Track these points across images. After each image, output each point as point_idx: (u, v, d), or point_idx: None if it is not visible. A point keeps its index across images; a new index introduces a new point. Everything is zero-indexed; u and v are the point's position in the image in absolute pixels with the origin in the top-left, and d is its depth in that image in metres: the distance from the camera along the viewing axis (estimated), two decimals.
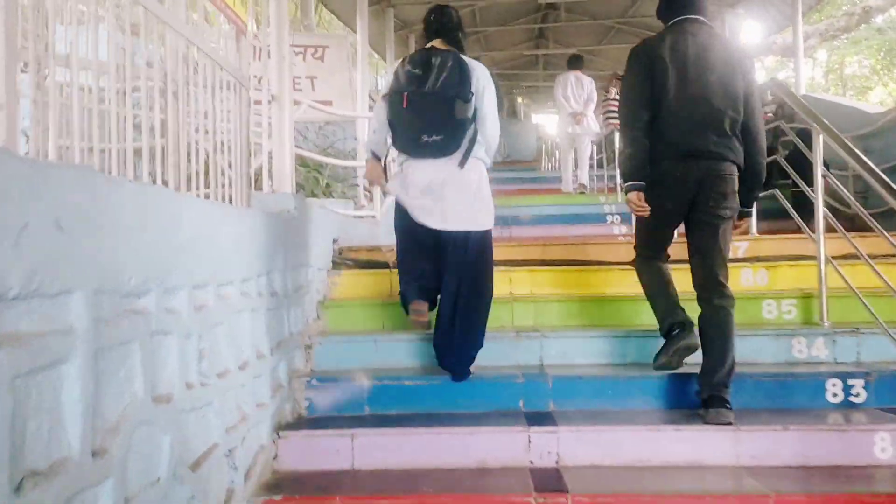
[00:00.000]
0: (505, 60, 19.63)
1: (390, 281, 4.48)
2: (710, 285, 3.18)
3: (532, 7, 15.66)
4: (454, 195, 3.43)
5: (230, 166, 3.31)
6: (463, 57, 3.49)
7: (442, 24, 3.58)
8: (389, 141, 3.64)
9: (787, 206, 4.74)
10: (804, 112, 3.98)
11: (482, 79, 3.46)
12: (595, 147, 11.15)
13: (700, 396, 3.17)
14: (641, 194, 3.26)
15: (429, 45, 3.57)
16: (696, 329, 3.27)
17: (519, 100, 26.86)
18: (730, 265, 3.28)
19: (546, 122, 28.27)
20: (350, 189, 8.36)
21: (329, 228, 4.73)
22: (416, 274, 3.60)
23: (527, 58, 19.27)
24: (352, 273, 4.55)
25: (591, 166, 11.42)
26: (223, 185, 3.16)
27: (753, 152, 3.21)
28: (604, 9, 14.70)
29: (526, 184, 12.74)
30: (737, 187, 3.18)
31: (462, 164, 3.42)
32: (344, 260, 4.74)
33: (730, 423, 3.02)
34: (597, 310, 4.16)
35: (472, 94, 3.40)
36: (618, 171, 10.03)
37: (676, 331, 3.32)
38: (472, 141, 3.46)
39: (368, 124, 7.20)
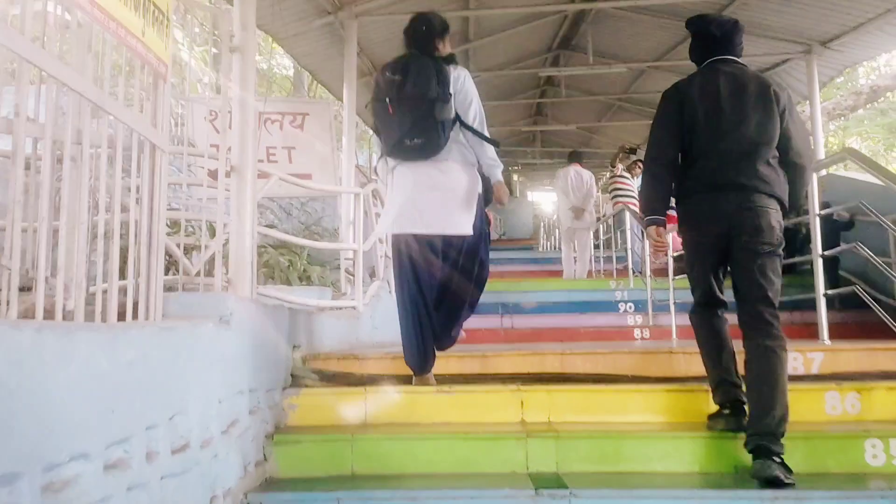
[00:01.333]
0: (502, 137, 18.94)
1: (365, 402, 3.38)
2: (755, 324, 2.94)
3: (531, 83, 15.01)
4: (439, 198, 3.42)
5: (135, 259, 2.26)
6: (441, 59, 3.48)
7: (415, 35, 3.59)
8: None
9: (867, 298, 3.72)
10: None
11: (461, 78, 3.46)
12: (602, 227, 10.21)
13: (747, 448, 2.81)
14: (661, 229, 3.22)
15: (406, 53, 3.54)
16: (743, 408, 3.00)
17: (515, 177, 26.18)
18: (807, 385, 3.12)
19: (542, 200, 27.66)
20: (333, 272, 7.32)
21: (289, 331, 3.65)
22: (416, 331, 3.52)
23: (524, 134, 18.60)
24: (315, 392, 3.45)
25: (598, 246, 10.50)
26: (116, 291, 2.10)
27: (795, 177, 3.11)
28: (604, 85, 14.02)
29: (526, 265, 11.74)
30: (776, 220, 2.99)
31: (448, 164, 3.42)
32: (307, 372, 3.64)
33: (777, 477, 2.63)
34: (641, 449, 3.04)
35: (451, 95, 3.39)
36: (628, 249, 9.11)
37: (727, 411, 3.08)
38: (457, 143, 3.45)
39: (354, 200, 6.23)
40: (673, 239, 8.35)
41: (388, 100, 3.42)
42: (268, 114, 6.46)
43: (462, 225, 3.43)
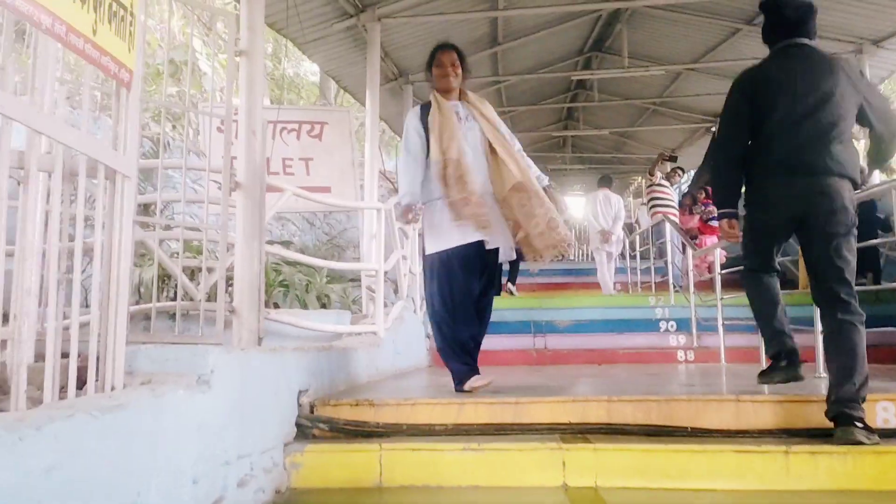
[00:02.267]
0: (532, 142, 18.35)
1: (380, 461, 2.87)
2: (831, 301, 2.95)
3: (562, 87, 14.42)
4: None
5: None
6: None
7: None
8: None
9: None
10: None
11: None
12: (638, 238, 9.61)
13: (828, 416, 2.85)
14: (734, 221, 3.23)
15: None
16: (800, 360, 3.19)
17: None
18: None
19: (573, 205, 26.96)
20: (355, 289, 6.82)
21: (293, 375, 3.15)
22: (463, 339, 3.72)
23: (554, 139, 17.98)
24: (322, 448, 2.94)
25: (634, 257, 9.91)
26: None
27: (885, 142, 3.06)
28: (639, 88, 13.40)
29: (558, 276, 11.13)
30: (849, 201, 2.94)
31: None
32: (315, 422, 3.14)
33: (859, 441, 2.68)
34: None
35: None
36: (669, 263, 8.50)
37: (783, 362, 3.20)
38: None
39: (376, 216, 5.73)
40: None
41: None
42: (283, 122, 6.00)
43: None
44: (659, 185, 8.94)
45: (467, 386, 3.57)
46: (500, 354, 6.87)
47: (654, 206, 9.04)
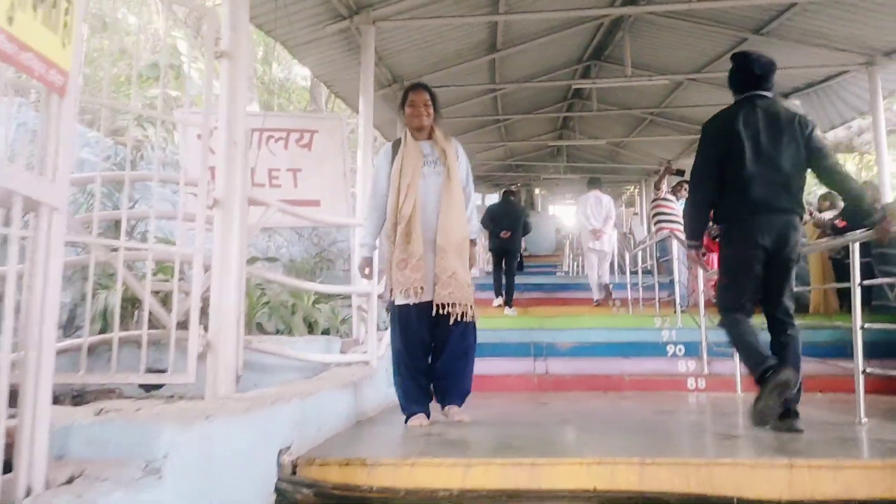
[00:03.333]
0: (526, 151, 17.94)
1: None
2: (785, 315, 3.55)
3: (559, 95, 13.99)
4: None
5: None
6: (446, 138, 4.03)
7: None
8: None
9: None
10: None
11: (463, 158, 4.06)
12: (640, 253, 9.17)
13: (760, 380, 3.42)
14: (699, 253, 3.91)
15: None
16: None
17: (537, 191, 25.10)
18: None
19: (565, 214, 26.55)
20: (345, 306, 6.32)
21: (273, 433, 2.67)
22: (421, 371, 3.86)
23: (549, 148, 17.56)
24: None
25: (635, 272, 9.48)
26: None
27: (847, 185, 3.57)
28: (637, 98, 12.98)
29: (554, 292, 10.67)
30: (801, 236, 3.59)
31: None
32: (298, 486, 2.65)
33: (800, 431, 3.34)
34: None
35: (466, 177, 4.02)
36: (676, 282, 8.06)
37: (770, 373, 3.38)
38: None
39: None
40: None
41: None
42: (270, 130, 5.52)
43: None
44: (664, 199, 8.48)
45: (409, 423, 3.78)
46: (501, 380, 6.41)
47: (659, 222, 8.59)
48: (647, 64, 11.05)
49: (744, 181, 3.45)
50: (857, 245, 3.85)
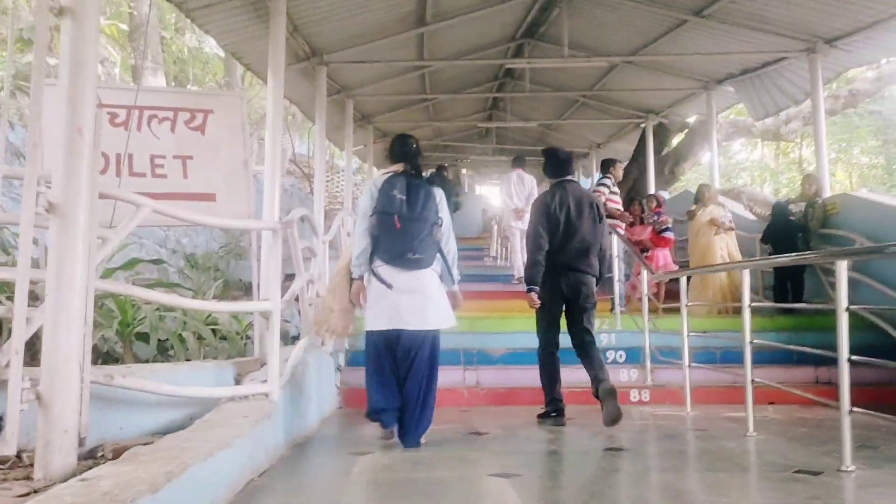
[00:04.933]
0: (454, 131, 17.15)
1: None
2: (584, 344, 4.73)
3: (490, 75, 13.23)
4: (426, 300, 3.93)
5: None
6: (431, 185, 4.12)
7: (401, 151, 4.17)
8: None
9: None
10: None
11: (442, 203, 4.12)
12: None
13: (597, 395, 4.51)
14: (535, 297, 4.71)
15: (401, 170, 4.10)
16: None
17: (464, 171, 24.34)
18: None
19: (492, 195, 25.94)
20: (246, 328, 5.27)
21: None
22: (391, 394, 3.97)
23: (477, 129, 16.81)
24: None
25: None
26: None
27: (603, 261, 4.89)
28: (569, 79, 12.37)
29: (484, 283, 9.93)
30: (594, 288, 4.80)
31: (432, 275, 4.00)
32: None
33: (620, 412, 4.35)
34: None
35: (441, 219, 4.08)
36: (615, 281, 7.41)
37: (554, 414, 4.71)
38: (441, 257, 4.10)
39: (272, 238, 4.34)
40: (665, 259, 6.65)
41: (396, 216, 3.91)
42: (154, 109, 4.53)
43: (449, 320, 4.11)
44: (613, 191, 7.76)
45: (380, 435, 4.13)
46: None
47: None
48: (583, 44, 10.39)
49: (556, 247, 4.65)
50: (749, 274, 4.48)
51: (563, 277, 4.61)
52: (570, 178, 4.82)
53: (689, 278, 6.34)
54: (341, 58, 9.10)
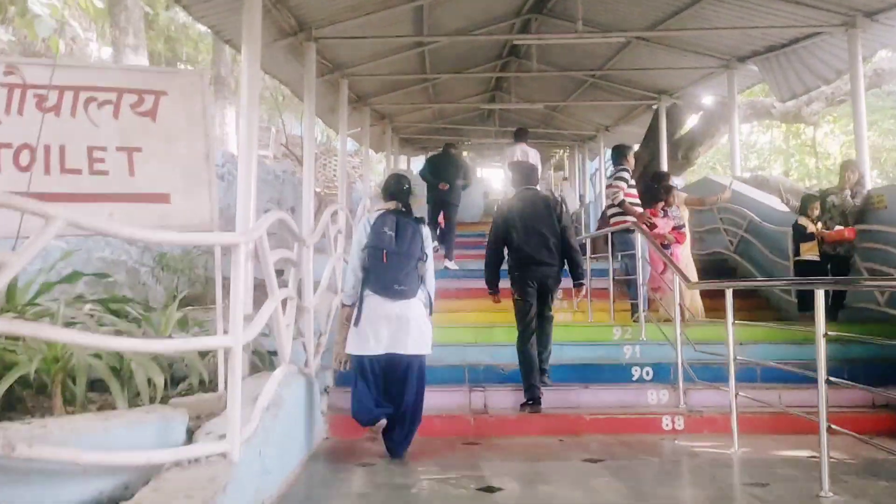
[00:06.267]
0: (455, 113, 16.17)
1: None
2: (547, 319, 5.32)
3: (493, 53, 12.26)
4: (410, 327, 4.19)
5: None
6: (418, 224, 4.46)
7: (395, 190, 4.56)
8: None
9: None
10: None
11: (427, 240, 4.46)
12: (588, 245, 7.61)
13: (543, 371, 5.22)
14: (499, 296, 5.40)
15: (393, 208, 4.47)
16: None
17: (465, 153, 23.35)
18: None
19: (494, 177, 24.94)
20: (193, 368, 4.23)
21: None
22: (378, 393, 4.22)
23: (479, 111, 15.84)
24: None
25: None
26: None
27: (571, 254, 5.30)
28: (578, 58, 11.39)
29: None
30: (559, 277, 5.32)
31: (416, 304, 4.26)
32: None
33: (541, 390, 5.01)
34: None
35: (426, 255, 4.40)
36: (639, 286, 6.53)
37: (532, 402, 4.96)
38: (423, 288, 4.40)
39: (242, 253, 3.45)
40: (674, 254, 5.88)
41: (385, 251, 4.24)
42: (91, 90, 3.62)
43: (428, 346, 4.33)
44: (631, 185, 6.79)
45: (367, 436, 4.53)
46: (424, 423, 4.81)
47: (617, 215, 6.81)
48: (595, 20, 9.44)
49: (518, 245, 5.20)
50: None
51: (530, 270, 5.15)
52: (530, 187, 5.46)
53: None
54: (333, 33, 8.15)
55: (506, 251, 5.34)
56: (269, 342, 4.53)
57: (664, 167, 11.52)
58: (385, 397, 4.20)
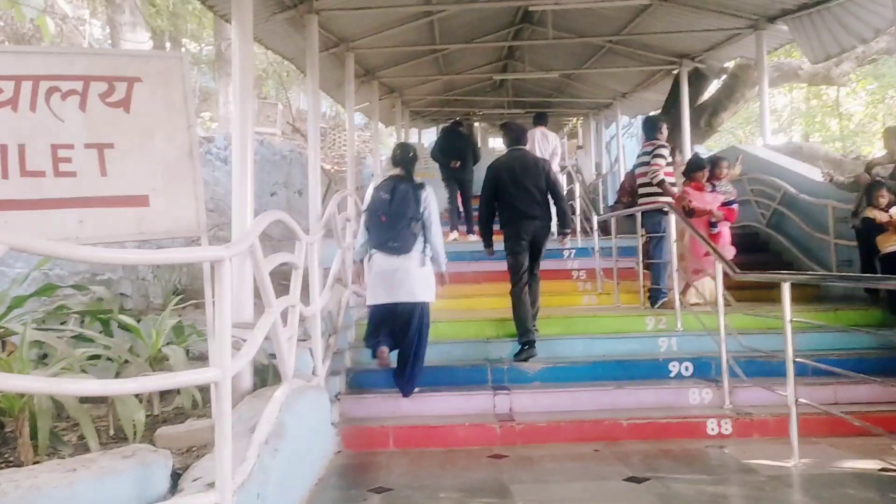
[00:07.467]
0: (466, 84, 15.48)
1: None
2: (534, 273, 5.40)
3: (506, 20, 11.55)
4: (406, 278, 4.65)
5: None
6: (416, 189, 4.78)
7: (400, 158, 4.97)
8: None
9: None
10: None
11: (428, 199, 4.78)
12: (613, 223, 7.04)
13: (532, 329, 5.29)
14: (492, 249, 5.59)
15: (392, 174, 4.95)
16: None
17: (477, 124, 22.61)
18: None
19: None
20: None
21: None
22: (384, 333, 4.71)
23: (491, 81, 15.13)
24: None
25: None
26: None
27: (559, 206, 5.52)
28: (595, 23, 10.65)
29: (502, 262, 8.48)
30: (549, 231, 5.48)
31: (412, 258, 4.68)
32: None
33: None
34: None
35: (421, 214, 4.72)
36: (674, 270, 5.96)
37: (528, 347, 5.10)
38: (422, 244, 4.75)
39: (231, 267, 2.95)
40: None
41: (381, 213, 4.72)
42: (53, 79, 3.10)
43: (425, 296, 4.73)
44: (669, 163, 6.06)
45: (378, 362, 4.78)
46: (445, 432, 4.36)
47: (650, 195, 6.17)
48: None
49: (509, 200, 5.36)
50: None
51: (522, 224, 5.27)
52: (520, 147, 5.55)
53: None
54: (335, 4, 7.54)
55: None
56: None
57: (687, 136, 10.89)
58: (392, 340, 4.70)
